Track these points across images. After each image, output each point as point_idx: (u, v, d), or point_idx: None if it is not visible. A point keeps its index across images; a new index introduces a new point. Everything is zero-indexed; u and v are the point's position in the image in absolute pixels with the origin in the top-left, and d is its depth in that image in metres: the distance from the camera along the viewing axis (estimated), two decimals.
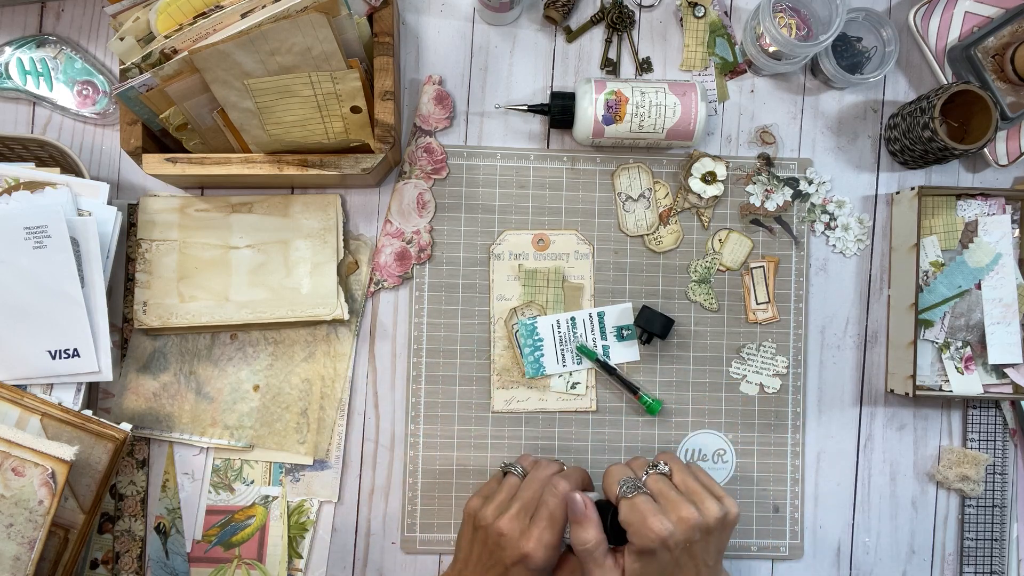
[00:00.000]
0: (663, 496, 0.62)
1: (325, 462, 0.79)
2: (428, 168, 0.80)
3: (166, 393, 0.78)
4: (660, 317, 0.79)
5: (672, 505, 0.61)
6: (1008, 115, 0.78)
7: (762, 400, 0.81)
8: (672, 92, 0.75)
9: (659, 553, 0.60)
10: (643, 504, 0.61)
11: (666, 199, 0.81)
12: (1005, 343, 0.79)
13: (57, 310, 0.69)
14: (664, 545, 0.59)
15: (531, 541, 0.62)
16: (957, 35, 0.81)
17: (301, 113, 0.68)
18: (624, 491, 0.62)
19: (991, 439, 0.82)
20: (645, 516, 0.60)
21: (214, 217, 0.78)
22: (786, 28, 0.80)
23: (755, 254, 0.81)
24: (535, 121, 0.81)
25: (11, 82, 0.77)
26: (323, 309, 0.76)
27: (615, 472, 0.65)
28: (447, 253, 0.80)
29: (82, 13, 0.80)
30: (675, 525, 0.60)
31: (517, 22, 0.82)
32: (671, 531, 0.59)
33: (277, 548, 0.78)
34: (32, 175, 0.72)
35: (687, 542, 0.60)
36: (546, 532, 0.63)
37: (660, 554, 0.60)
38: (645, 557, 0.60)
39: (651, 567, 0.61)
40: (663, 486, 0.63)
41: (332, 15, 0.64)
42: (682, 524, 0.60)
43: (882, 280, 0.83)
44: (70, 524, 0.70)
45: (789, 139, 0.83)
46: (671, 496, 0.62)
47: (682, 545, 0.60)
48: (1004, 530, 0.82)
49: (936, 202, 0.80)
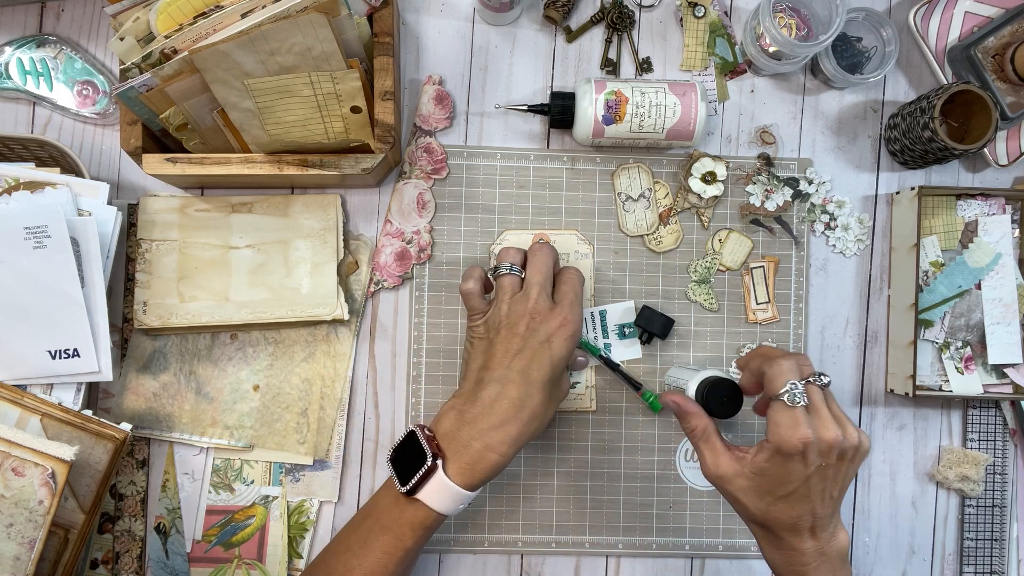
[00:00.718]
0: (816, 410, 0.62)
1: (325, 462, 0.79)
2: (428, 168, 0.80)
3: (166, 393, 0.78)
4: (660, 317, 0.79)
5: (822, 422, 0.61)
6: (1008, 115, 0.78)
7: None
8: (672, 92, 0.75)
9: (794, 460, 0.61)
10: (800, 413, 0.61)
11: (666, 199, 0.81)
12: (1005, 343, 0.79)
13: (57, 310, 0.69)
14: (802, 455, 0.60)
15: (563, 310, 0.69)
16: (957, 35, 0.81)
17: (301, 113, 0.68)
18: (789, 396, 0.62)
19: (991, 439, 0.82)
20: (798, 422, 0.60)
21: (214, 217, 0.78)
22: (786, 28, 0.80)
23: (755, 254, 0.81)
24: (535, 121, 0.81)
25: (11, 82, 0.77)
26: (323, 309, 0.76)
27: (785, 369, 0.63)
28: (447, 253, 0.80)
29: (82, 13, 0.80)
30: (819, 440, 0.61)
31: (517, 22, 0.82)
32: (815, 443, 0.60)
33: (277, 548, 0.78)
34: (32, 175, 0.72)
35: (823, 461, 0.61)
36: (575, 305, 0.70)
37: (794, 461, 0.61)
38: (778, 458, 0.61)
39: (780, 470, 0.61)
40: (819, 401, 0.63)
41: (332, 15, 0.64)
42: (824, 442, 0.61)
43: (882, 280, 0.83)
44: (70, 524, 0.70)
45: (789, 139, 0.83)
46: (823, 413, 0.62)
47: (817, 463, 0.61)
48: (1004, 530, 0.82)
49: (936, 202, 0.80)
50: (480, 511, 0.80)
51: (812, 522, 0.62)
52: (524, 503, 0.80)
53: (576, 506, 0.80)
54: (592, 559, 0.81)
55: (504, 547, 0.80)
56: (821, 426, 0.61)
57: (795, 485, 0.61)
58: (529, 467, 0.80)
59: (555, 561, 0.81)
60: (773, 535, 0.64)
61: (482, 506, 0.80)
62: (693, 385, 0.71)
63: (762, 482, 0.62)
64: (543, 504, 0.80)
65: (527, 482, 0.80)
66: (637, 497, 0.80)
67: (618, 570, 0.81)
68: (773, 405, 0.62)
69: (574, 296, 0.70)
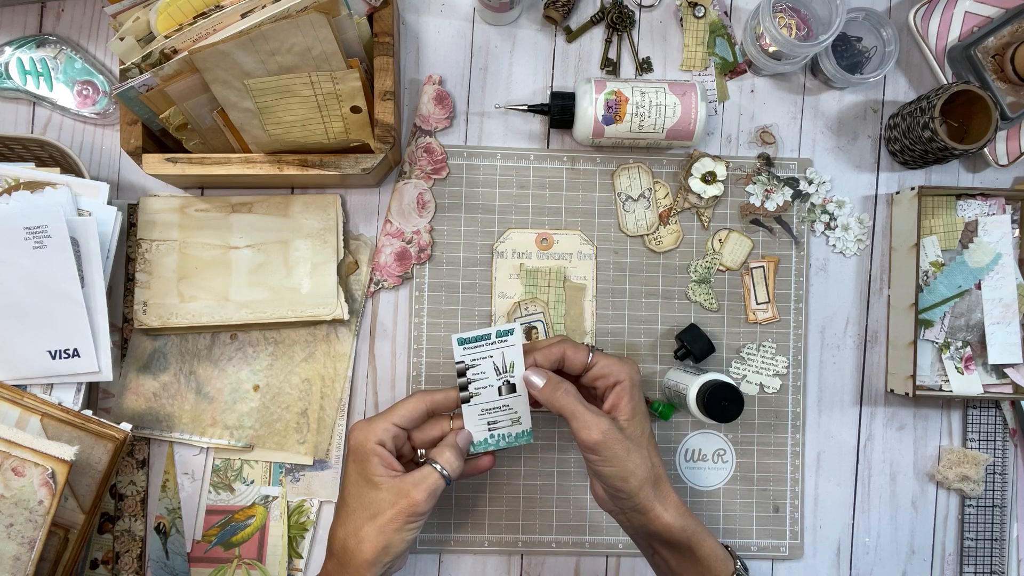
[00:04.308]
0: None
1: (325, 462, 0.79)
2: (428, 168, 0.80)
3: (166, 393, 0.78)
4: (704, 339, 0.78)
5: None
6: (1008, 115, 0.78)
7: (762, 400, 0.81)
8: (672, 92, 0.75)
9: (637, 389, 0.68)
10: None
11: (666, 199, 0.81)
12: (1005, 343, 0.79)
13: (57, 310, 0.69)
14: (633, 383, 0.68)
15: (355, 425, 0.67)
16: (957, 35, 0.81)
17: (301, 113, 0.68)
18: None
19: (991, 439, 0.82)
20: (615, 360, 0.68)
21: (214, 217, 0.78)
22: (786, 28, 0.80)
23: (755, 254, 0.81)
24: (535, 121, 0.81)
25: (11, 82, 0.77)
26: (323, 309, 0.76)
27: (572, 346, 0.69)
28: (447, 253, 0.80)
29: (82, 13, 0.80)
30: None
31: (517, 22, 0.82)
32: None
33: (277, 548, 0.78)
34: (32, 175, 0.72)
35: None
36: (375, 420, 0.66)
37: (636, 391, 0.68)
38: (636, 392, 0.67)
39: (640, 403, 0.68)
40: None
41: (332, 15, 0.64)
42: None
43: (882, 280, 0.83)
44: (70, 524, 0.70)
45: (789, 139, 0.83)
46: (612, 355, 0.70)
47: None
48: (1004, 530, 0.82)
49: (936, 202, 0.80)
50: (480, 511, 0.80)
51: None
52: (524, 503, 0.80)
53: (576, 506, 0.80)
54: (592, 559, 0.81)
55: (504, 547, 0.80)
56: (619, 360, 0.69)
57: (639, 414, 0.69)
58: (529, 467, 0.80)
59: (555, 561, 0.81)
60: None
61: (482, 506, 0.80)
62: (694, 389, 0.71)
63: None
64: (543, 504, 0.80)
65: (527, 482, 0.80)
66: None
67: (618, 570, 0.81)
68: (596, 358, 0.69)
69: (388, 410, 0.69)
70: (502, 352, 0.67)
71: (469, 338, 0.66)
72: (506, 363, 0.67)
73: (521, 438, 0.70)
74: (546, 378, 0.66)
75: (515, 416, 0.69)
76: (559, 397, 0.65)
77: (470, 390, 0.68)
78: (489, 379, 0.67)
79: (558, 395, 0.65)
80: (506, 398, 0.68)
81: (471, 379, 0.67)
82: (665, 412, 0.79)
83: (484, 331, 0.66)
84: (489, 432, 0.69)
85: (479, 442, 0.69)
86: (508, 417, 0.69)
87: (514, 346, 0.67)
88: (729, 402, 0.69)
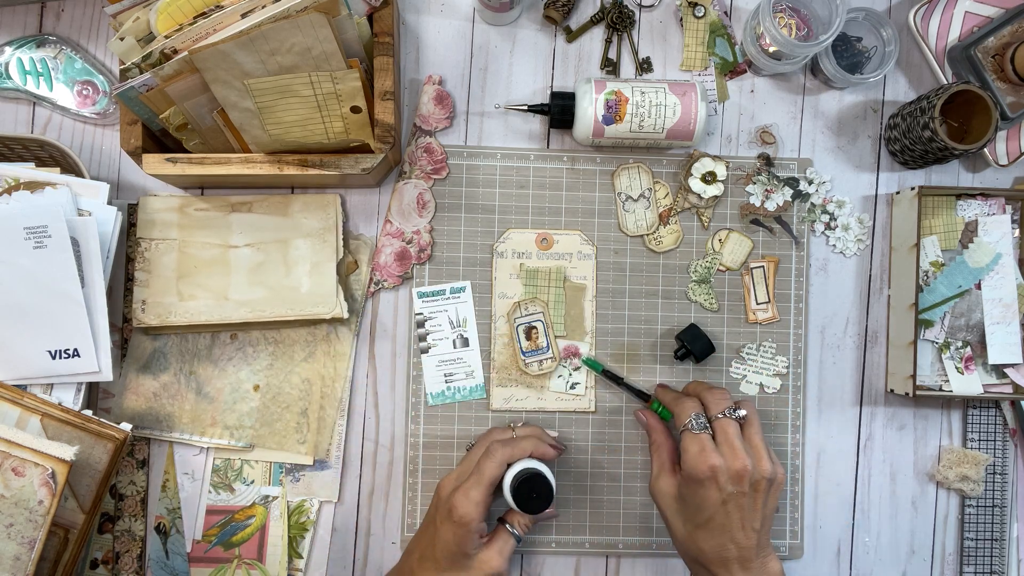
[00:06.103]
0: (726, 442, 0.67)
1: (325, 462, 0.79)
2: (428, 168, 0.80)
3: (166, 393, 0.78)
4: (704, 339, 0.78)
5: (732, 451, 0.66)
6: (1008, 115, 0.78)
7: (762, 400, 0.81)
8: (672, 92, 0.75)
9: (705, 486, 0.65)
10: (705, 440, 0.67)
11: (666, 199, 0.81)
12: (1005, 343, 0.79)
13: (57, 310, 0.69)
14: (713, 481, 0.65)
15: (457, 494, 0.68)
16: (957, 35, 0.81)
17: (301, 113, 0.68)
18: (691, 425, 0.68)
19: (991, 439, 0.82)
20: (704, 449, 0.66)
21: (214, 216, 0.78)
22: (786, 28, 0.80)
23: (755, 254, 0.81)
24: (535, 121, 0.81)
25: (11, 82, 0.77)
26: (322, 307, 0.76)
27: (688, 406, 0.70)
28: (447, 253, 0.80)
29: (82, 13, 0.80)
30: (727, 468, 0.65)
31: (517, 22, 0.82)
32: (724, 470, 0.65)
33: (277, 548, 0.78)
34: (32, 175, 0.72)
35: (735, 489, 0.65)
36: (472, 489, 0.68)
37: (706, 488, 0.65)
38: (692, 484, 0.66)
39: (695, 496, 0.66)
40: (731, 433, 0.68)
41: (332, 15, 0.64)
42: (733, 469, 0.65)
43: (882, 280, 0.83)
44: (70, 524, 0.70)
45: (789, 139, 0.83)
46: (734, 444, 0.67)
47: (729, 490, 0.65)
48: (1004, 530, 0.82)
49: (936, 202, 0.80)
50: None
51: (737, 553, 0.66)
52: None
53: (576, 506, 0.80)
54: (592, 559, 0.81)
55: None
56: (730, 455, 0.66)
57: (710, 512, 0.66)
58: None
59: (555, 561, 0.81)
60: (706, 570, 0.67)
61: None
62: (508, 477, 0.70)
63: (683, 507, 0.68)
64: None
65: None
66: (637, 497, 0.80)
67: (618, 570, 0.81)
68: (683, 436, 0.68)
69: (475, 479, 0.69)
70: (456, 307, 0.71)
71: (428, 292, 0.73)
72: (459, 318, 0.72)
73: (475, 392, 0.75)
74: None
75: (469, 370, 0.73)
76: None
77: (428, 341, 0.73)
78: (444, 331, 0.72)
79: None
80: (460, 351, 0.73)
81: (428, 330, 0.73)
82: (665, 412, 0.79)
83: (441, 286, 0.73)
84: (446, 384, 0.74)
85: (437, 393, 0.75)
86: (462, 370, 0.73)
87: (466, 303, 0.72)
88: (537, 495, 0.69)
